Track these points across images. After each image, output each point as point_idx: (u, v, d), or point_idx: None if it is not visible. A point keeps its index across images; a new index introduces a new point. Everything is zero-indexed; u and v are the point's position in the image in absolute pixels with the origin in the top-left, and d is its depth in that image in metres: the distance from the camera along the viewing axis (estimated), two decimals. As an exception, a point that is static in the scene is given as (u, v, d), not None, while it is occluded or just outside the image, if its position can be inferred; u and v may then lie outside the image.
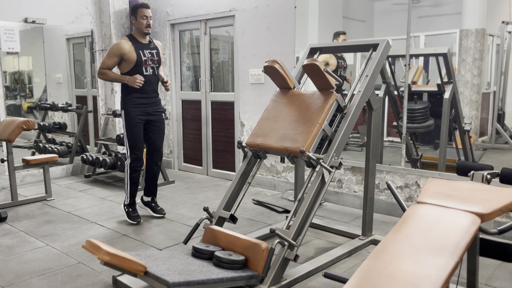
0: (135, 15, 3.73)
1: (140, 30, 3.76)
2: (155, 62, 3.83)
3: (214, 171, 5.77)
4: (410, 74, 4.30)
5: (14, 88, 5.90)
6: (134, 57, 3.71)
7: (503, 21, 4.28)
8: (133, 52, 3.71)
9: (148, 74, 3.80)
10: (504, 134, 4.39)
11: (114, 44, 3.74)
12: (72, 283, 2.77)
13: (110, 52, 3.73)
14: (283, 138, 2.88)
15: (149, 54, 3.79)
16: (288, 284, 2.64)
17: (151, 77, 3.82)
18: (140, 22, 3.73)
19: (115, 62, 3.74)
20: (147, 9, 3.74)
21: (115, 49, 3.71)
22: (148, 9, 3.75)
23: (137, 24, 3.75)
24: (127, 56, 3.70)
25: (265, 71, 3.16)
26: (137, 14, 3.72)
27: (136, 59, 3.71)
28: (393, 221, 3.91)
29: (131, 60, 3.71)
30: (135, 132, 3.80)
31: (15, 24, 5.29)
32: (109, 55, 3.73)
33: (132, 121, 3.78)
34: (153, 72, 3.83)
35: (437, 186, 1.95)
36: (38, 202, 4.58)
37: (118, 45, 3.71)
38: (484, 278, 2.80)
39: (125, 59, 3.72)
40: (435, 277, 1.32)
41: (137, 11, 3.72)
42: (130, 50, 3.71)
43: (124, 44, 3.72)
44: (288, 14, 4.68)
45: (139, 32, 3.78)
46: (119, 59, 3.73)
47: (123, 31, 6.09)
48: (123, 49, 3.69)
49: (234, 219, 2.95)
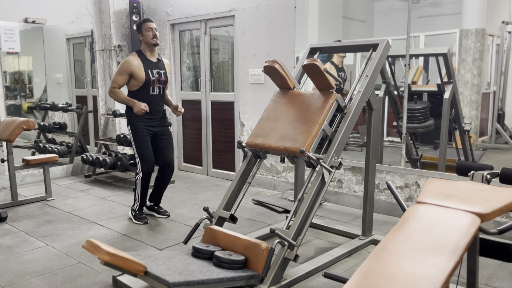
0: (141, 31, 3.76)
1: (148, 43, 3.78)
2: (162, 83, 3.86)
3: (214, 171, 5.77)
4: (410, 74, 4.30)
5: (14, 88, 5.90)
6: (142, 77, 3.72)
7: (503, 21, 4.27)
8: (142, 71, 3.72)
9: (155, 94, 3.82)
10: (504, 134, 4.39)
11: (123, 61, 3.75)
12: (72, 283, 2.77)
13: (121, 70, 3.73)
14: (283, 138, 2.88)
15: (157, 75, 3.80)
16: (288, 284, 2.64)
17: (157, 97, 3.84)
18: (146, 35, 3.75)
19: (126, 80, 3.75)
20: (150, 22, 3.78)
21: (125, 66, 3.72)
22: (151, 22, 3.79)
23: (144, 38, 3.77)
24: (136, 74, 3.72)
25: (265, 71, 3.16)
26: (142, 29, 3.76)
27: (144, 79, 3.73)
28: (393, 221, 3.91)
29: (140, 79, 3.73)
30: (143, 144, 3.80)
31: (15, 24, 5.29)
32: (120, 72, 3.74)
33: (139, 134, 3.79)
34: (159, 92, 3.85)
35: (437, 186, 1.95)
36: (38, 202, 4.58)
37: (127, 62, 3.72)
38: (484, 278, 2.80)
39: (134, 77, 3.73)
40: (435, 277, 1.32)
41: (142, 26, 3.76)
42: (139, 68, 3.71)
43: (133, 60, 3.73)
44: (288, 14, 4.68)
45: (147, 46, 3.79)
46: (128, 77, 3.74)
47: (123, 31, 6.09)
48: (132, 65, 3.71)
49: (234, 219, 2.95)
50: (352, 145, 5.02)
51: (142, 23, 3.76)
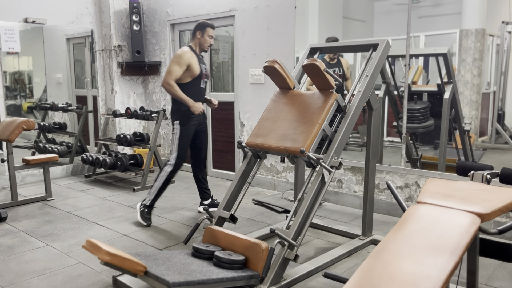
0: (203, 32, 3.83)
1: (202, 47, 3.88)
2: (207, 77, 4.01)
3: (214, 171, 5.77)
4: (410, 74, 4.30)
5: (14, 88, 5.90)
6: (197, 70, 3.81)
7: (503, 21, 4.28)
8: (197, 64, 3.81)
9: (203, 88, 3.94)
10: (504, 134, 4.39)
11: (181, 53, 3.78)
12: (72, 283, 2.77)
13: (180, 61, 3.74)
14: (283, 138, 2.88)
15: (204, 69, 3.91)
16: (288, 284, 2.64)
17: (204, 90, 3.98)
18: (205, 40, 3.85)
19: (182, 72, 3.78)
20: (214, 30, 3.89)
21: (185, 58, 3.75)
22: (214, 30, 3.90)
23: (202, 40, 3.85)
24: (192, 67, 3.77)
25: (265, 71, 3.16)
26: (205, 32, 3.83)
27: (199, 72, 3.81)
28: (393, 221, 3.91)
29: (195, 72, 3.79)
30: (187, 140, 3.91)
31: (15, 24, 5.29)
32: (179, 63, 3.75)
33: (188, 130, 3.88)
34: (205, 86, 3.98)
35: (437, 186, 1.95)
36: (38, 202, 4.58)
37: (187, 54, 3.77)
38: (484, 278, 2.80)
39: (190, 69, 3.77)
40: (435, 277, 1.32)
41: (206, 30, 3.84)
42: (196, 62, 3.80)
43: (191, 53, 3.79)
44: (288, 14, 4.68)
45: (200, 47, 3.88)
46: (186, 69, 3.78)
47: (123, 31, 6.09)
48: (192, 57, 3.78)
49: (234, 219, 2.95)
50: (352, 145, 5.02)
51: (208, 27, 3.85)
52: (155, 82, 6.25)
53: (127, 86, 6.23)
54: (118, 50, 6.05)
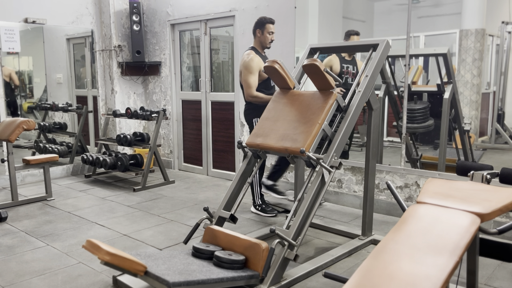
0: (262, 29, 3.81)
1: (264, 45, 3.87)
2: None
3: (214, 171, 5.77)
4: (410, 74, 4.30)
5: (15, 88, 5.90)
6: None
7: (503, 21, 4.28)
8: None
9: (273, 85, 3.93)
10: (504, 134, 4.39)
11: (249, 60, 3.77)
12: (72, 283, 2.77)
13: (252, 70, 3.75)
14: (283, 138, 2.89)
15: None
16: (288, 284, 2.64)
17: (274, 88, 3.95)
18: (266, 37, 3.83)
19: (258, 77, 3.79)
20: (273, 25, 3.84)
21: (256, 65, 3.77)
22: (273, 24, 3.84)
23: (262, 38, 3.83)
24: (262, 72, 3.77)
25: (265, 71, 3.16)
26: (264, 29, 3.81)
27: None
28: (393, 221, 3.92)
29: (264, 75, 3.79)
30: None
31: (15, 24, 5.29)
32: (253, 72, 3.76)
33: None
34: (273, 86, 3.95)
35: (436, 186, 1.95)
36: (38, 202, 4.59)
37: (256, 60, 3.77)
38: (484, 278, 2.80)
39: (260, 73, 3.78)
40: (435, 277, 1.32)
41: (265, 26, 3.80)
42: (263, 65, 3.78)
43: (257, 58, 3.78)
44: (288, 14, 4.68)
45: (261, 46, 3.88)
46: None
47: (123, 31, 6.09)
48: (261, 62, 3.77)
49: (234, 219, 2.95)
50: (352, 145, 5.02)
51: (268, 23, 3.80)
52: (155, 82, 6.25)
53: (127, 86, 6.23)
54: (118, 50, 6.05)
